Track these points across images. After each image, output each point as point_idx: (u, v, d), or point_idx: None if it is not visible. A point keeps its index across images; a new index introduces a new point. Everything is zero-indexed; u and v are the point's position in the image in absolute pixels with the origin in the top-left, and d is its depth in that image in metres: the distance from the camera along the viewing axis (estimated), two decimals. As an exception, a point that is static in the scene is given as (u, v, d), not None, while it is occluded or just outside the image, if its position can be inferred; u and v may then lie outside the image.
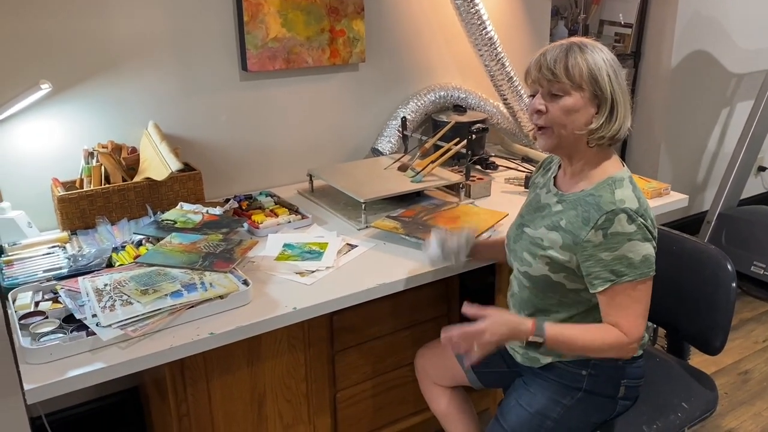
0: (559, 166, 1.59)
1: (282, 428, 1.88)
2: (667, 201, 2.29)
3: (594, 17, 3.56)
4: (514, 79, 2.60)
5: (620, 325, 1.40)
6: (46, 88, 1.88)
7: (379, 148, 2.58)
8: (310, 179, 2.36)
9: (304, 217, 2.09)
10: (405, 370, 2.09)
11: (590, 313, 1.50)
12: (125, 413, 2.30)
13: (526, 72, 1.48)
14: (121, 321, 1.44)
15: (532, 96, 1.46)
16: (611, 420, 1.62)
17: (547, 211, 1.52)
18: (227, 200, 2.17)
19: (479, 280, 2.37)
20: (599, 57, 1.39)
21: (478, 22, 2.47)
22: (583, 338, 1.42)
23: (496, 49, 2.53)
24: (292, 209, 2.14)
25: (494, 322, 1.40)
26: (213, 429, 1.76)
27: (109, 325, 1.42)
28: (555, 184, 1.57)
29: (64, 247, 1.87)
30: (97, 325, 1.42)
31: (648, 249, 1.39)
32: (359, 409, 2.04)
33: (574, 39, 1.43)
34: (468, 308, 1.43)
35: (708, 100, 3.69)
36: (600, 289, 1.40)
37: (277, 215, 2.09)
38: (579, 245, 1.41)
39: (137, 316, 1.46)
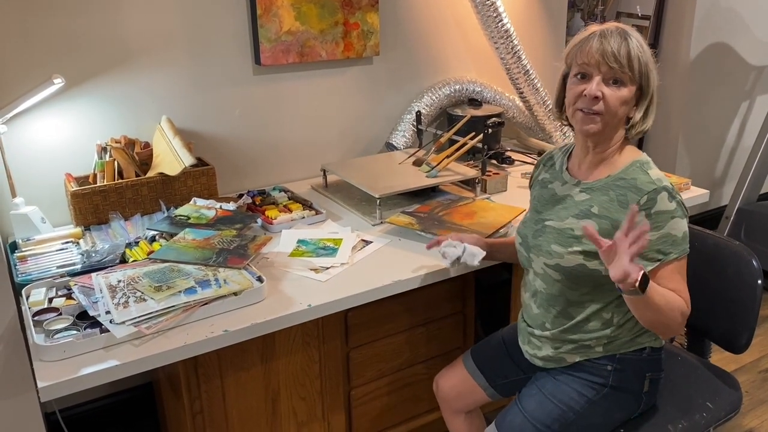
0: (568, 157, 1.58)
1: (296, 425, 1.86)
2: (687, 196, 2.24)
3: (611, 9, 3.51)
4: (531, 72, 2.56)
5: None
6: (59, 82, 1.87)
7: (394, 143, 2.55)
8: (324, 174, 2.34)
9: (318, 212, 2.07)
10: (420, 367, 2.07)
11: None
12: (139, 409, 2.30)
13: (573, 53, 1.44)
14: (135, 318, 1.42)
15: (580, 76, 1.42)
16: (635, 419, 1.59)
17: (569, 201, 1.50)
18: (240, 195, 2.16)
19: (495, 277, 2.34)
20: (646, 49, 1.40)
21: (494, 15, 2.43)
22: (668, 295, 1.38)
23: (512, 42, 2.49)
24: (306, 205, 2.12)
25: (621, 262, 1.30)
26: (227, 426, 1.74)
27: (123, 322, 1.41)
28: (570, 175, 1.55)
29: (78, 243, 1.86)
30: (110, 322, 1.41)
31: (686, 225, 1.41)
32: (373, 407, 2.02)
33: (621, 25, 1.42)
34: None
35: (727, 92, 3.63)
36: (648, 269, 1.38)
37: (290, 211, 2.07)
38: (619, 228, 1.35)
39: (151, 312, 1.44)
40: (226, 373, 1.69)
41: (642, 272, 1.28)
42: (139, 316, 1.43)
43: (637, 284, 1.28)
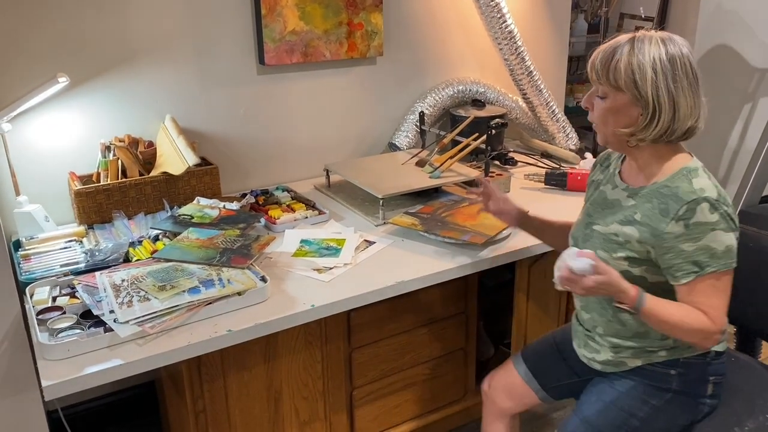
0: (622, 161, 1.54)
1: (298, 425, 1.86)
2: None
3: (615, 10, 3.51)
4: (534, 73, 2.56)
5: (708, 316, 1.36)
6: (63, 81, 1.87)
7: (397, 143, 2.55)
8: (327, 174, 2.34)
9: (321, 212, 2.07)
10: (422, 367, 2.07)
11: None
12: (141, 408, 2.30)
13: None
14: (139, 317, 1.43)
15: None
16: (698, 422, 1.55)
17: (617, 206, 1.47)
18: (244, 195, 2.16)
19: (498, 278, 2.34)
20: (649, 56, 1.32)
21: (498, 16, 2.43)
22: (678, 314, 1.35)
23: (516, 43, 2.49)
24: (309, 204, 2.12)
25: (599, 281, 1.31)
26: (229, 426, 1.74)
27: (127, 322, 1.41)
28: (622, 179, 1.51)
29: (81, 242, 1.86)
30: (114, 321, 1.41)
31: (731, 239, 1.34)
32: (376, 407, 2.02)
33: (639, 33, 1.36)
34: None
35: (730, 95, 3.62)
36: (683, 281, 1.36)
37: (294, 210, 2.07)
38: (659, 237, 1.36)
39: (155, 312, 1.45)
40: (229, 372, 1.69)
41: (637, 296, 1.32)
42: (142, 316, 1.43)
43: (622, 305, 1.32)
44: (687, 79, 1.33)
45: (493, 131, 2.28)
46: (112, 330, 1.40)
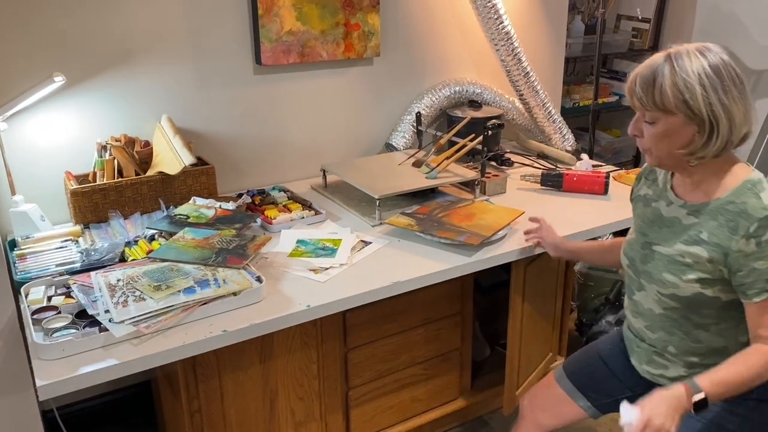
0: (671, 174, 1.47)
1: (294, 425, 1.86)
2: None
3: (611, 12, 3.51)
4: (531, 74, 2.56)
5: None
6: (59, 80, 1.87)
7: (393, 144, 2.55)
8: (324, 174, 2.34)
9: (317, 212, 2.07)
10: (418, 368, 2.08)
11: None
12: (137, 407, 2.30)
13: None
14: (134, 317, 1.42)
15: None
16: None
17: (677, 225, 1.41)
18: (240, 195, 2.16)
19: (494, 278, 2.35)
20: (692, 71, 1.26)
21: (495, 17, 2.44)
22: (746, 371, 1.29)
23: (512, 44, 2.49)
24: (306, 205, 2.12)
25: (655, 412, 1.25)
26: (225, 426, 1.75)
27: (122, 321, 1.41)
28: (676, 194, 1.44)
29: (77, 241, 1.86)
30: (110, 321, 1.41)
31: None
32: (371, 407, 2.02)
33: (673, 50, 1.30)
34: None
35: (726, 96, 3.63)
36: (755, 300, 1.30)
37: (290, 211, 2.07)
38: (729, 256, 1.31)
39: (150, 312, 1.44)
40: (225, 372, 1.70)
41: (689, 388, 1.26)
42: (138, 316, 1.43)
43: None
44: (736, 87, 1.27)
45: (490, 132, 2.28)
46: (107, 330, 1.40)
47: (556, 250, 1.83)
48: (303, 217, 2.03)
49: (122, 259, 1.74)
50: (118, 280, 1.55)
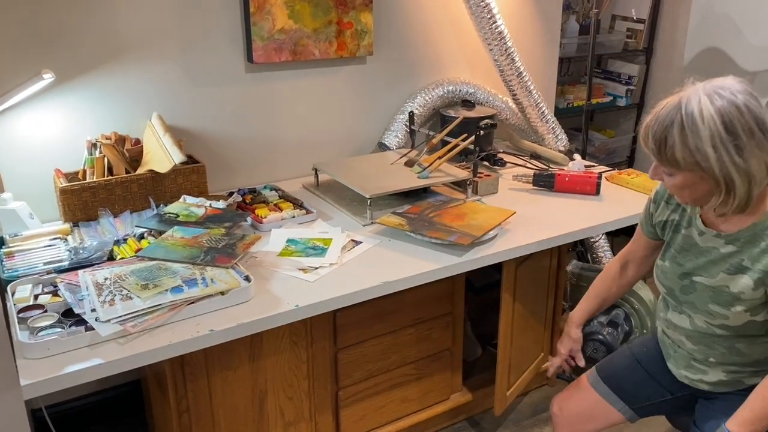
0: None
1: (283, 425, 1.86)
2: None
3: (606, 12, 3.51)
4: (524, 74, 2.56)
5: None
6: (48, 78, 1.85)
7: (386, 143, 2.55)
8: (316, 173, 2.33)
9: (308, 212, 2.06)
10: (408, 368, 2.07)
11: None
12: (127, 407, 2.29)
13: None
14: (121, 316, 1.42)
15: None
16: None
17: (714, 254, 1.36)
18: (231, 194, 2.15)
19: (486, 278, 2.34)
20: (704, 131, 1.19)
21: (488, 16, 2.43)
22: None
23: (506, 43, 2.49)
24: (297, 204, 2.11)
25: None
26: (213, 425, 1.74)
27: (108, 320, 1.40)
28: (705, 224, 1.39)
29: (66, 240, 1.85)
30: (96, 320, 1.40)
31: None
32: (361, 407, 2.02)
33: (684, 97, 1.23)
34: None
35: (720, 97, 3.63)
36: None
37: (281, 210, 2.06)
38: None
39: (137, 311, 1.44)
40: (213, 372, 1.69)
41: None
42: (124, 315, 1.42)
43: None
44: (754, 137, 1.19)
45: (482, 132, 2.28)
46: (93, 329, 1.39)
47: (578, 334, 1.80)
48: (294, 217, 2.02)
49: (111, 258, 1.73)
50: (106, 279, 1.54)
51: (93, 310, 1.43)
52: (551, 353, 2.46)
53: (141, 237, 1.83)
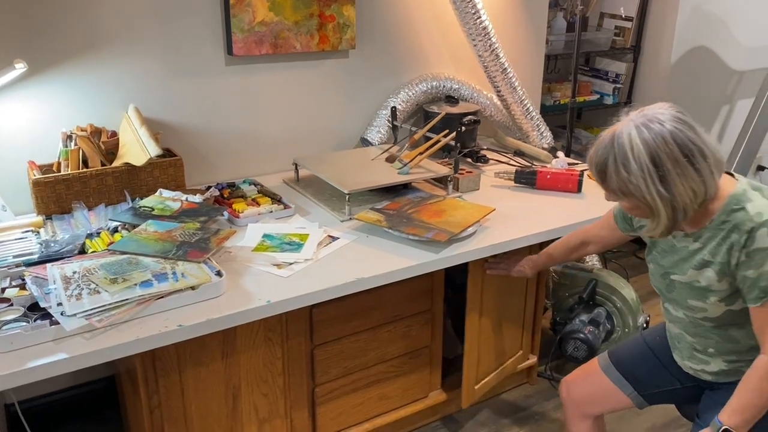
0: None
1: (257, 422, 1.84)
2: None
3: (594, 9, 3.49)
4: (509, 70, 2.54)
5: (766, 343, 1.34)
6: (20, 68, 1.82)
7: (369, 138, 2.52)
8: (296, 168, 2.31)
9: (286, 207, 2.04)
10: (387, 365, 2.05)
11: None
12: (102, 402, 2.26)
13: None
14: (87, 311, 1.39)
15: None
16: None
17: (685, 251, 1.43)
18: (209, 188, 2.12)
19: (467, 275, 2.32)
20: (634, 162, 1.27)
21: (473, 11, 2.41)
22: (755, 391, 1.34)
23: (490, 39, 2.47)
24: (275, 199, 2.09)
25: None
26: (185, 422, 1.71)
27: (74, 315, 1.38)
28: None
29: (38, 232, 1.82)
30: (61, 314, 1.38)
31: None
32: (338, 404, 2.00)
33: (617, 129, 1.31)
34: None
35: (708, 97, 3.62)
36: (752, 306, 1.35)
37: (258, 204, 2.04)
38: (731, 269, 1.35)
39: (104, 305, 1.41)
40: (185, 367, 1.66)
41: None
42: (91, 309, 1.40)
43: None
44: (679, 166, 1.27)
45: (464, 128, 2.26)
46: (58, 323, 1.37)
47: (534, 266, 1.94)
48: (271, 211, 2.00)
49: (82, 251, 1.70)
50: (74, 273, 1.52)
51: (59, 304, 1.41)
52: (532, 352, 2.45)
53: (115, 230, 1.80)
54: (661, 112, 1.30)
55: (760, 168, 4.08)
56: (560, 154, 2.52)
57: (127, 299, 1.43)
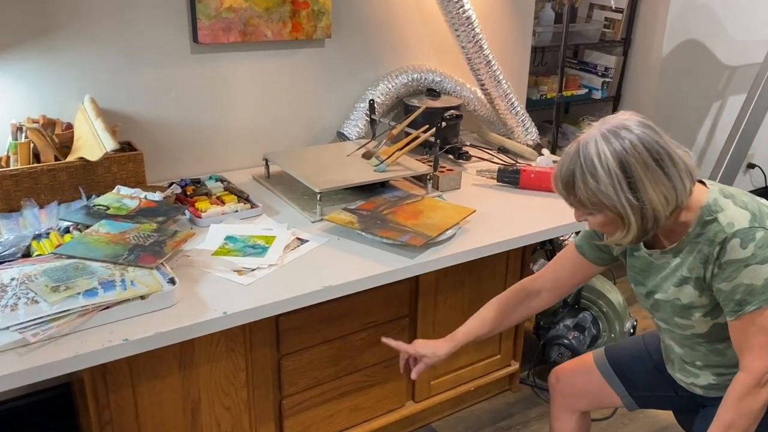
0: None
1: (219, 437, 1.72)
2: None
3: (584, 0, 3.38)
4: (493, 63, 2.42)
5: (743, 359, 1.29)
6: (-38, 53, 1.68)
7: (345, 133, 2.40)
8: (266, 164, 2.18)
9: (253, 206, 1.91)
10: (360, 375, 1.94)
11: None
12: (58, 411, 2.13)
13: None
14: (22, 323, 1.26)
15: None
16: None
17: (666, 269, 1.38)
18: (171, 184, 1.99)
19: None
20: (602, 171, 1.22)
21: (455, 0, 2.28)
22: (731, 412, 1.29)
23: (474, 29, 2.34)
24: (242, 197, 1.96)
25: None
26: (140, 438, 1.59)
27: (7, 328, 1.25)
28: (650, 246, 1.41)
29: (-19, 233, 1.68)
30: (-7, 327, 1.25)
31: None
32: (308, 416, 1.88)
33: (582, 140, 1.25)
34: None
35: (699, 92, 3.53)
36: (729, 319, 1.30)
37: (223, 203, 1.91)
38: (707, 282, 1.32)
39: (41, 317, 1.28)
40: (139, 381, 1.54)
41: None
42: (26, 321, 1.27)
43: None
44: (649, 171, 1.21)
45: (444, 123, 2.14)
46: (-12, 337, 1.24)
47: (447, 350, 1.59)
48: (236, 211, 1.87)
49: (27, 254, 1.57)
50: (12, 279, 1.39)
51: (-9, 316, 1.28)
52: (514, 358, 2.34)
53: (66, 231, 1.67)
54: (626, 118, 1.25)
55: (751, 165, 4.01)
56: (545, 151, 2.40)
57: (67, 310, 1.30)
